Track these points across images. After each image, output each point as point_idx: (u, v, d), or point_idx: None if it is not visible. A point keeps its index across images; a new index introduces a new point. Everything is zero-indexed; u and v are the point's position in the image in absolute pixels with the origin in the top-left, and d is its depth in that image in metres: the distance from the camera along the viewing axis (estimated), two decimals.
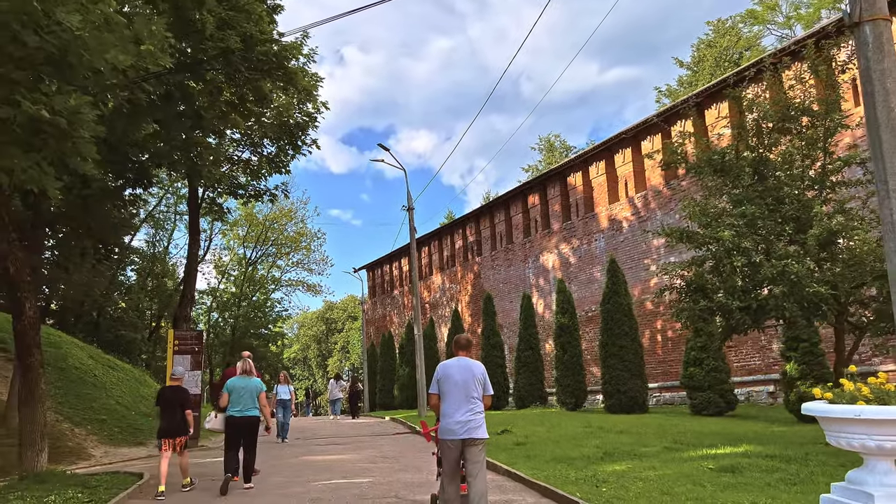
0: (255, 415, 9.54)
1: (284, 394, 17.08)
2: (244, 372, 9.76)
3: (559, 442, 12.73)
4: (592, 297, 28.12)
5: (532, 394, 25.65)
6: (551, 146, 62.32)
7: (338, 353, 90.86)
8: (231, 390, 9.54)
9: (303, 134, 20.58)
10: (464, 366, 6.35)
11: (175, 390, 9.76)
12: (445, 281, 40.06)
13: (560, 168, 30.76)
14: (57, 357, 19.02)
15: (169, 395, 9.67)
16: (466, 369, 6.31)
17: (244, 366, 9.89)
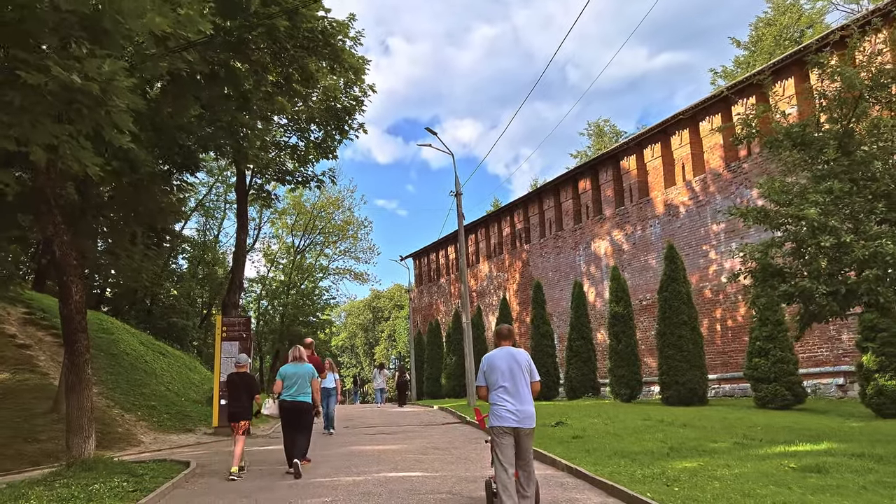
0: (306, 400, 9.72)
1: (329, 382, 15.25)
2: (295, 359, 10.03)
3: (619, 435, 12.06)
4: (647, 285, 27.17)
5: (584, 384, 24.91)
6: (601, 131, 60.83)
7: (384, 342, 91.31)
8: (284, 377, 9.80)
9: (350, 118, 20.23)
10: (508, 355, 6.42)
11: (241, 376, 10.13)
12: (492, 269, 39.44)
13: (613, 152, 29.74)
14: (109, 343, 19.16)
15: (236, 380, 10.07)
16: (511, 358, 6.38)
17: (295, 352, 10.18)
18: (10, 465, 11.61)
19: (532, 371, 6.47)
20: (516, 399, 6.23)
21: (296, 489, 8.22)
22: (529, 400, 6.34)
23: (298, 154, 21.20)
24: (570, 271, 31.73)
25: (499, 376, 6.34)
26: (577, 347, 25.26)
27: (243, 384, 9.99)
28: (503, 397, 6.27)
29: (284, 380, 9.74)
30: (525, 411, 6.23)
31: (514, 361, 6.37)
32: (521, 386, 6.29)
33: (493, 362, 6.43)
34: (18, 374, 15.49)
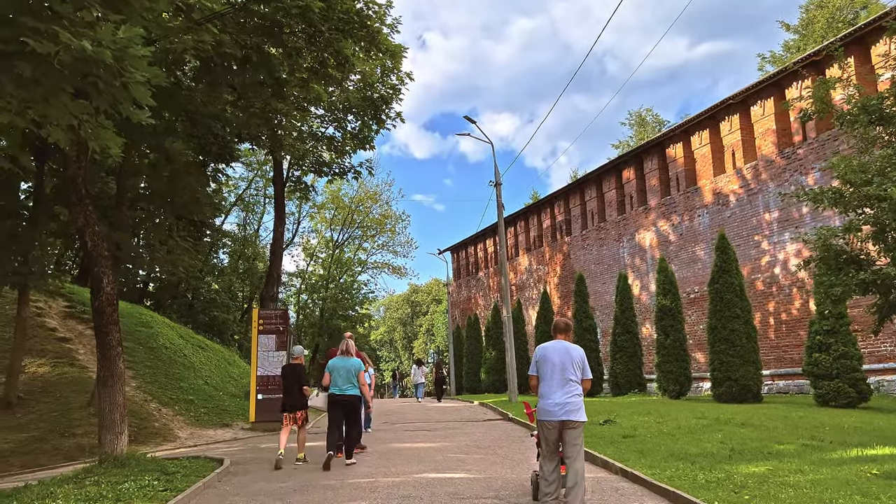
0: (354, 393, 9.73)
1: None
2: (343, 352, 10.00)
3: (674, 435, 11.33)
4: (695, 277, 26.18)
5: (630, 380, 24.09)
6: (643, 121, 59.41)
7: (423, 336, 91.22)
8: (332, 370, 9.80)
9: (387, 107, 19.77)
10: (562, 348, 6.38)
11: (294, 368, 10.33)
12: (532, 262, 38.68)
13: (658, 139, 28.73)
14: (148, 337, 19.07)
15: (289, 372, 10.27)
16: (564, 352, 6.35)
17: (343, 346, 10.12)
18: (46, 460, 11.45)
19: (584, 368, 6.40)
20: (565, 394, 6.19)
21: (332, 491, 7.75)
22: (579, 395, 6.28)
23: (335, 145, 20.82)
24: (614, 263, 30.84)
25: (549, 368, 6.30)
26: (621, 342, 24.45)
27: (294, 375, 10.18)
28: (552, 391, 6.24)
29: (332, 373, 9.75)
30: (572, 403, 6.18)
31: (568, 356, 6.33)
32: (571, 381, 6.24)
33: (546, 354, 6.39)
34: (58, 367, 15.43)
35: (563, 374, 6.23)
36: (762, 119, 23.84)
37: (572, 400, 6.19)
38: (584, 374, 6.35)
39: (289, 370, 10.32)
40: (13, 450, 11.63)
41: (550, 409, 6.18)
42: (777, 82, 23.24)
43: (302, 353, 10.77)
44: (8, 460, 11.27)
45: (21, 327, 14.13)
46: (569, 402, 6.16)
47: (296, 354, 10.57)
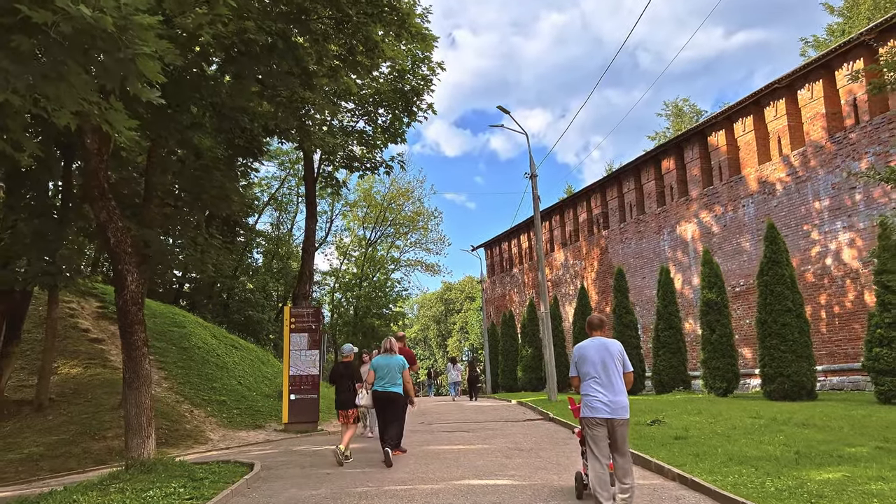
0: (397, 390, 9.80)
1: None
2: (387, 350, 10.13)
3: (730, 436, 10.59)
4: (740, 270, 25.16)
5: (674, 378, 23.20)
6: (679, 111, 57.95)
7: (457, 334, 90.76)
8: (375, 367, 9.94)
9: (418, 98, 19.26)
10: (599, 345, 6.36)
11: (346, 366, 10.60)
12: (568, 257, 37.84)
13: (699, 128, 27.69)
14: (181, 337, 18.86)
15: (341, 370, 10.56)
16: (603, 348, 6.32)
17: (386, 344, 10.26)
18: (76, 463, 11.18)
19: (625, 362, 6.39)
20: (609, 390, 6.17)
21: (366, 500, 7.24)
22: (622, 390, 6.26)
23: (366, 139, 20.38)
24: (654, 257, 29.89)
25: (590, 367, 6.29)
26: (665, 338, 23.56)
27: (347, 374, 10.43)
28: (595, 388, 6.23)
29: (376, 370, 9.87)
30: (618, 402, 6.16)
31: (607, 352, 6.31)
32: (613, 377, 6.22)
33: (585, 353, 6.38)
34: (90, 368, 15.24)
35: (606, 371, 6.23)
36: (810, 103, 22.74)
37: (619, 398, 6.18)
38: (625, 367, 6.36)
39: (342, 368, 10.55)
40: (43, 453, 11.39)
41: (596, 406, 6.17)
42: (826, 63, 22.14)
43: (352, 350, 10.90)
44: (37, 464, 11.03)
45: (51, 328, 13.95)
46: (614, 399, 6.15)
47: (346, 353, 10.72)
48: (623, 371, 6.32)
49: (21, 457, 11.20)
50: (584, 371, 6.35)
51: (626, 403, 6.25)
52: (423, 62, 19.25)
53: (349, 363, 10.66)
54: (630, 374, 6.39)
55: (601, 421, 6.13)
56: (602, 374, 6.22)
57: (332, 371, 10.79)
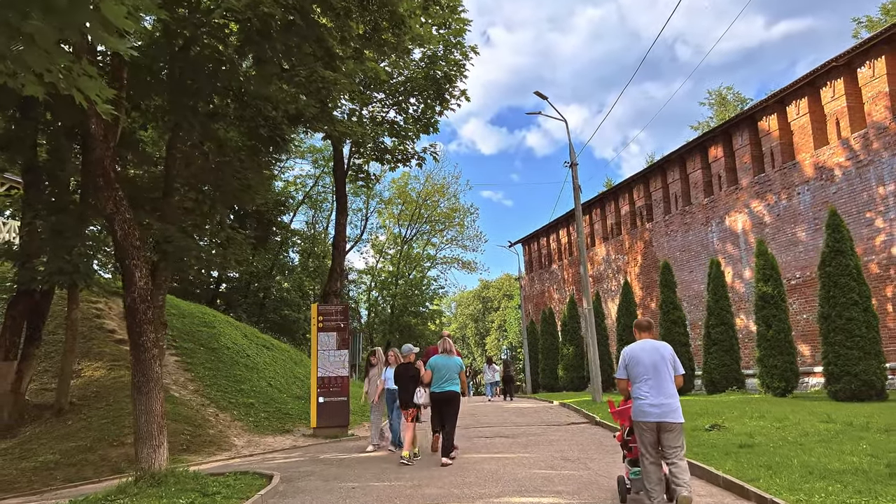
0: (455, 389, 10.02)
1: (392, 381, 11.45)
2: (445, 350, 10.36)
3: (803, 445, 9.42)
4: (796, 261, 23.63)
5: (727, 377, 21.82)
6: (723, 100, 55.91)
7: (495, 332, 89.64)
8: (434, 368, 10.14)
9: (450, 85, 18.34)
10: (651, 347, 6.25)
11: (406, 367, 10.77)
12: (610, 252, 36.51)
13: (748, 112, 26.15)
14: (209, 337, 18.29)
15: (402, 371, 10.72)
16: (654, 351, 6.21)
17: (445, 344, 10.49)
18: (92, 472, 10.55)
19: (676, 364, 6.28)
20: (660, 393, 6.05)
21: None
22: (674, 393, 6.14)
23: (397, 130, 19.55)
24: (702, 250, 28.45)
25: (641, 369, 6.16)
26: (716, 335, 22.20)
27: (407, 374, 10.57)
28: (646, 391, 6.10)
29: (434, 371, 10.09)
30: (669, 405, 6.04)
31: (658, 354, 6.20)
32: (664, 380, 6.11)
33: (636, 355, 6.25)
34: (114, 371, 14.70)
35: (657, 374, 6.11)
36: (872, 81, 21.14)
37: (669, 401, 6.05)
38: (676, 370, 6.24)
39: (402, 369, 10.75)
40: (58, 461, 10.80)
41: (647, 409, 6.03)
42: (889, 39, 20.53)
43: (411, 350, 11.00)
44: (52, 473, 10.43)
45: (71, 329, 13.42)
46: (665, 402, 6.02)
47: (406, 353, 10.90)
48: (675, 374, 6.20)
49: (35, 465, 10.62)
50: (634, 373, 6.20)
51: (677, 406, 6.09)
52: (455, 47, 18.34)
53: (409, 364, 10.81)
54: (680, 378, 6.26)
55: (651, 425, 6.01)
56: (653, 376, 6.10)
57: (396, 371, 10.99)
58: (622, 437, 6.76)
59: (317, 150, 41.89)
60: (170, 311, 18.81)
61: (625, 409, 6.63)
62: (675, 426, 6.02)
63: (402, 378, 10.62)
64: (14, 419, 12.73)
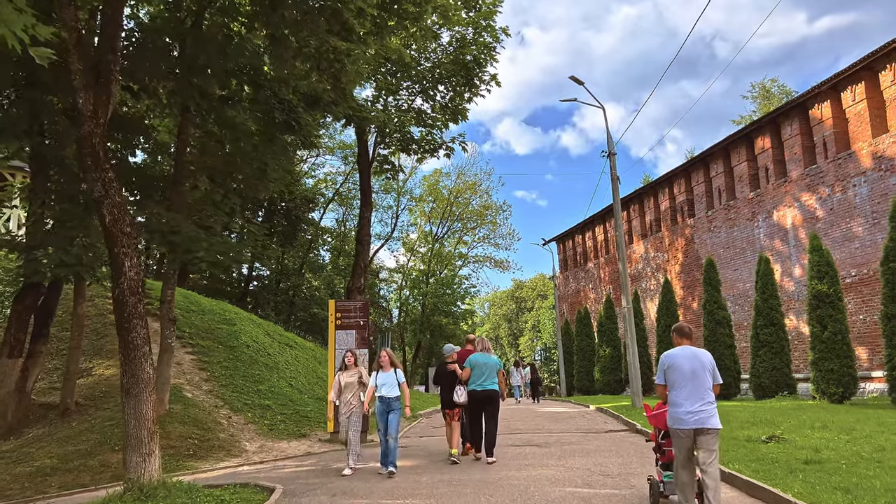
0: (495, 388, 10.13)
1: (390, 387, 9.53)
2: (484, 349, 10.49)
3: (881, 462, 8.18)
4: (851, 258, 22.04)
5: (777, 381, 20.39)
6: (767, 93, 53.78)
7: (528, 333, 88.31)
8: (473, 366, 10.15)
9: (480, 70, 17.33)
10: (691, 355, 6.18)
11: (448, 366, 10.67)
12: (649, 249, 35.05)
13: (799, 100, 24.57)
14: (229, 335, 17.57)
15: (445, 371, 10.65)
16: (694, 358, 6.15)
17: (483, 343, 10.64)
18: (90, 478, 9.79)
19: (715, 374, 6.18)
20: (697, 400, 5.98)
21: None
22: (712, 400, 6.05)
23: (424, 119, 18.60)
24: (747, 247, 26.91)
25: (679, 376, 6.09)
26: (765, 336, 20.78)
27: (451, 374, 10.48)
28: (683, 398, 6.04)
29: (473, 368, 10.11)
30: (706, 411, 5.96)
31: (698, 362, 6.12)
32: (702, 387, 6.04)
33: (675, 361, 6.17)
34: None
35: (696, 381, 6.04)
36: None
37: (706, 408, 5.97)
38: (715, 378, 6.15)
39: (442, 369, 10.74)
40: (56, 466, 10.07)
41: (683, 416, 5.98)
42: None
43: (453, 350, 10.94)
44: (47, 479, 9.69)
45: (78, 326, 12.75)
46: (703, 409, 5.94)
47: (448, 353, 10.87)
48: (713, 382, 6.10)
49: (31, 470, 9.91)
50: (672, 380, 6.12)
51: (714, 412, 5.99)
52: (485, 30, 17.32)
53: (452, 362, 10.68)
54: (718, 387, 6.20)
55: (688, 432, 5.94)
56: (691, 384, 6.02)
57: (437, 371, 11.05)
58: (656, 440, 6.78)
59: (346, 146, 41.21)
60: (189, 308, 18.16)
61: (660, 414, 6.58)
62: (711, 431, 5.94)
63: (443, 377, 10.67)
64: (18, 420, 12.10)
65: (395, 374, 9.63)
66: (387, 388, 9.45)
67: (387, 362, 9.69)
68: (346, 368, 10.01)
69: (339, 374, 10.05)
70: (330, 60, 9.54)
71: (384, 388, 9.46)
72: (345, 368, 10.02)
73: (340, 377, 9.96)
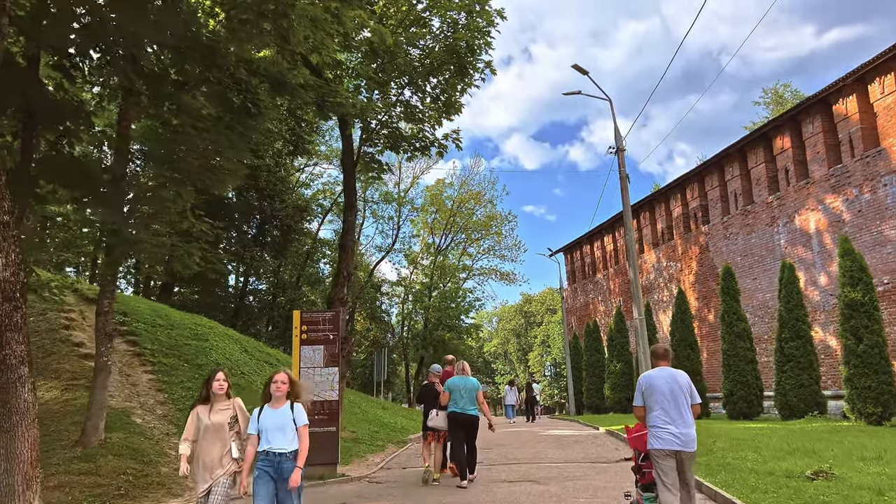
0: (474, 413, 9.94)
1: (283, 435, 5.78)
2: (461, 371, 10.27)
3: None
4: (883, 264, 20.17)
5: (805, 399, 18.47)
6: (781, 98, 51.93)
7: (538, 348, 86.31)
8: (452, 389, 10.00)
9: (472, 57, 15.74)
10: (668, 375, 6.26)
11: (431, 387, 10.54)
12: (661, 259, 33.21)
13: (821, 95, 22.77)
14: (197, 352, 15.92)
15: (427, 391, 10.57)
16: (672, 379, 6.22)
17: (460, 366, 10.38)
18: None
19: (693, 393, 6.25)
20: (679, 422, 6.05)
21: None
22: (691, 423, 6.14)
23: (414, 113, 17.01)
24: (767, 254, 25.06)
25: (658, 396, 6.15)
26: (790, 350, 18.90)
27: (436, 395, 10.31)
28: (665, 420, 6.08)
29: (453, 392, 9.97)
30: (688, 434, 6.04)
31: (676, 383, 6.19)
32: (683, 408, 6.11)
33: (653, 383, 6.25)
34: (69, 391, 12.36)
35: (675, 402, 6.10)
36: None
37: (689, 430, 6.06)
38: (692, 398, 6.21)
39: (427, 389, 10.60)
40: None
41: (665, 437, 6.01)
42: None
43: (439, 372, 10.87)
44: None
45: None
46: (685, 432, 6.02)
47: (435, 372, 10.80)
48: (692, 402, 6.20)
49: None
50: (651, 401, 6.20)
51: (694, 436, 6.11)
52: (480, 15, 15.76)
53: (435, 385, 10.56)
54: (697, 407, 6.26)
55: (670, 453, 6.01)
56: (671, 405, 6.10)
57: (421, 392, 10.82)
58: (636, 462, 6.70)
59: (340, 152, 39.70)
60: (156, 322, 16.53)
61: (640, 436, 6.50)
62: (692, 455, 6.15)
63: (428, 397, 10.46)
64: None
65: (290, 412, 5.75)
66: (277, 437, 5.65)
67: (282, 391, 5.82)
68: (212, 399, 6.10)
69: (197, 409, 6.11)
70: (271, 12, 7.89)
71: (272, 435, 5.63)
72: (208, 399, 6.12)
73: (200, 413, 6.03)
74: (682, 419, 6.03)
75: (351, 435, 15.55)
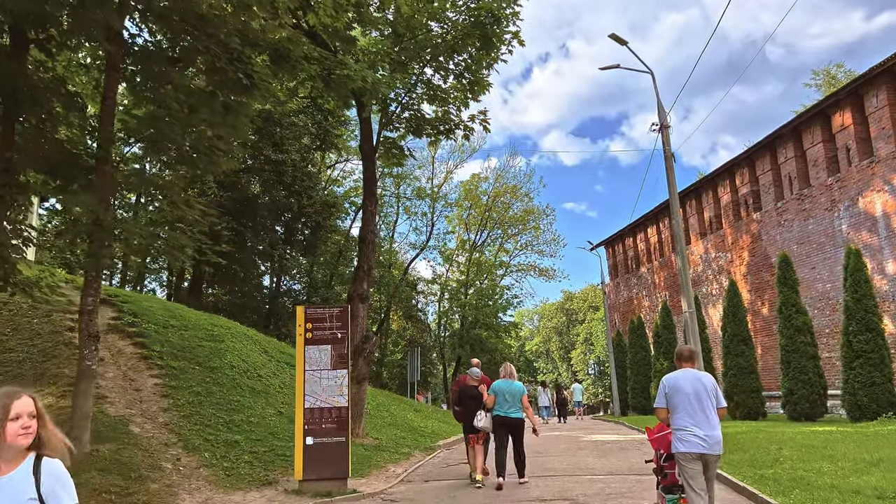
0: (520, 416, 10.04)
1: None
2: (507, 375, 10.29)
3: None
4: None
5: (876, 398, 16.63)
6: (833, 79, 49.13)
7: (580, 346, 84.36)
8: (497, 392, 10.05)
9: (496, 26, 14.41)
10: (692, 377, 6.14)
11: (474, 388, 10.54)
12: (709, 249, 31.30)
13: (887, 64, 20.70)
14: (211, 354, 14.93)
15: (467, 392, 10.61)
16: (696, 381, 6.10)
17: (507, 369, 10.42)
18: None
19: (718, 396, 6.08)
20: (704, 424, 5.89)
21: None
22: (717, 425, 5.97)
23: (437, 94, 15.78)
24: (827, 241, 23.09)
25: (682, 398, 5.99)
26: (860, 345, 17.07)
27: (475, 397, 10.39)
28: (690, 422, 5.91)
29: (497, 395, 10.01)
30: (714, 437, 5.89)
31: (701, 385, 6.04)
32: (708, 411, 5.95)
33: (678, 384, 6.10)
34: (65, 398, 11.41)
35: (700, 405, 5.94)
36: None
37: (715, 433, 5.90)
38: (718, 402, 6.06)
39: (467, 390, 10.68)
40: None
41: (691, 440, 5.85)
42: None
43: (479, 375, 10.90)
44: None
45: None
46: (711, 434, 5.86)
47: (475, 376, 10.82)
48: (717, 405, 6.01)
49: None
50: (675, 403, 6.02)
51: (720, 439, 5.94)
52: None
53: (476, 387, 10.64)
54: (723, 410, 6.11)
55: (696, 456, 5.84)
56: (696, 407, 5.93)
57: (460, 393, 10.83)
58: (658, 463, 6.53)
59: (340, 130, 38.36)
60: (168, 323, 15.62)
61: (663, 436, 6.30)
62: (717, 458, 6.02)
63: (468, 399, 10.53)
64: None
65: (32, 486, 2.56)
66: None
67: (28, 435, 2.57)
68: None
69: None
70: None
71: None
72: None
73: None
74: (708, 421, 5.91)
75: (373, 442, 14.36)
